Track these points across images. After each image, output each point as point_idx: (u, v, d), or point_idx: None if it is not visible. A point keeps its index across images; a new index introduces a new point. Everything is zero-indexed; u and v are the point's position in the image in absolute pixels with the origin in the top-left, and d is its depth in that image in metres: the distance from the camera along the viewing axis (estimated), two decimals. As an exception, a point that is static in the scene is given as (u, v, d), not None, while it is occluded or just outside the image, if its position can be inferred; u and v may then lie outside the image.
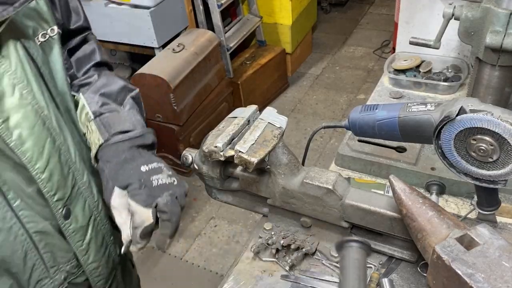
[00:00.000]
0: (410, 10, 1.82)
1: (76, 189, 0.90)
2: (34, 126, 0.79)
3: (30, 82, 0.79)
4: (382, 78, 1.81)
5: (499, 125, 0.82)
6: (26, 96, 0.78)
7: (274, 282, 1.05)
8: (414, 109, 0.96)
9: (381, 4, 5.34)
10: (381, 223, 0.99)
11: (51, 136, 0.82)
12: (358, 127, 1.05)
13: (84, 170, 0.93)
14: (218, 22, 3.33)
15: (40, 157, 0.80)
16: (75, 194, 0.91)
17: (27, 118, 0.78)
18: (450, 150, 0.91)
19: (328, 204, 1.00)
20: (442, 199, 1.24)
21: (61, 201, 0.87)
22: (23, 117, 0.77)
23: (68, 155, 0.88)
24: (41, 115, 0.80)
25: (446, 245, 0.80)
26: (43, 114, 0.81)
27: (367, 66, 4.32)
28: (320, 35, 4.88)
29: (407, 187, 0.91)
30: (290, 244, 1.06)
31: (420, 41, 1.42)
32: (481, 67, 1.28)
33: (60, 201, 0.87)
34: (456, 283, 0.76)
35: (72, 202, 0.90)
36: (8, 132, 0.76)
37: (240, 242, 2.80)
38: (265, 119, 1.02)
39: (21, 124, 0.77)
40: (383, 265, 1.06)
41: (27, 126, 0.78)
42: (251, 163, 0.93)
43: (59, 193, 0.86)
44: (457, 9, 1.27)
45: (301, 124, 3.70)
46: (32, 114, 0.78)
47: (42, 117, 0.81)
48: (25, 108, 0.77)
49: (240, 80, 3.56)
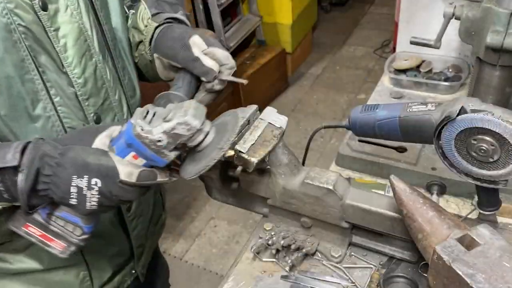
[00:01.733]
0: (410, 9, 1.82)
1: (107, 103, 1.04)
2: (77, 39, 0.96)
3: (80, 6, 0.97)
4: (383, 78, 1.81)
5: (500, 125, 0.82)
6: (75, 16, 0.95)
7: (274, 282, 1.05)
8: (414, 109, 0.95)
9: (381, 3, 5.34)
10: (382, 224, 0.98)
11: (89, 52, 0.99)
12: (359, 127, 1.04)
13: (116, 90, 1.08)
14: (218, 22, 3.33)
15: (78, 65, 0.97)
16: (106, 106, 1.04)
17: (73, 32, 0.95)
18: (450, 150, 0.91)
19: (329, 204, 1.00)
20: (443, 199, 1.24)
21: (93, 107, 1.01)
22: (70, 30, 0.95)
23: (104, 71, 1.02)
24: (84, 34, 0.97)
25: (447, 246, 0.79)
26: (86, 33, 0.98)
27: (368, 66, 4.32)
28: (320, 34, 4.88)
29: (408, 187, 0.91)
30: (290, 245, 1.06)
31: (421, 41, 1.42)
32: (482, 67, 1.28)
33: (92, 107, 1.01)
34: (457, 283, 0.76)
35: (103, 112, 1.04)
36: (57, 39, 0.93)
37: (240, 243, 2.80)
38: (265, 119, 1.02)
39: (67, 35, 0.94)
40: (384, 265, 1.05)
41: (72, 38, 0.95)
42: (251, 163, 0.93)
43: (91, 100, 1.00)
44: (458, 9, 1.27)
45: (301, 124, 3.70)
46: (78, 30, 0.96)
47: (85, 35, 0.98)
48: (73, 24, 0.95)
49: (240, 80, 3.56)
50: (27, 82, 0.90)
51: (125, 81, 1.12)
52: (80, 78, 0.97)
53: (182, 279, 2.63)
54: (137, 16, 1.15)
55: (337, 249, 1.07)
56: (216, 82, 1.04)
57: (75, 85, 0.97)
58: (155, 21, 1.11)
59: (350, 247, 1.10)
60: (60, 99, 0.96)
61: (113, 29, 1.09)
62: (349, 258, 1.08)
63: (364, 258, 1.08)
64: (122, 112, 1.10)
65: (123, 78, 1.11)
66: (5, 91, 0.88)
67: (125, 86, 1.12)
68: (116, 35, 1.10)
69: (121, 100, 1.09)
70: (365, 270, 1.05)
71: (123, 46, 1.13)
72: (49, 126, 0.96)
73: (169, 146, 0.80)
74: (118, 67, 1.09)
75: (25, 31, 0.88)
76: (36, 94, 0.93)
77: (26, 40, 0.88)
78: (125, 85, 1.13)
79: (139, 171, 0.81)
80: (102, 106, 1.03)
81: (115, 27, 1.10)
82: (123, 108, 1.11)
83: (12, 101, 0.90)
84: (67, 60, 0.95)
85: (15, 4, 0.86)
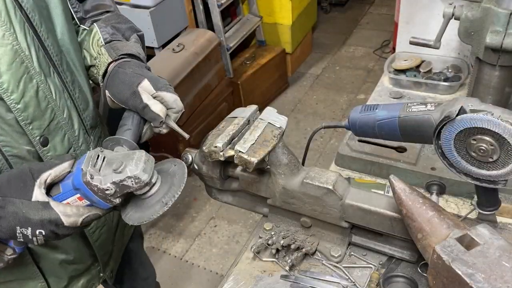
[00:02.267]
0: (410, 10, 1.82)
1: (55, 123, 1.01)
2: (12, 63, 0.90)
3: (13, 25, 0.90)
4: (382, 78, 1.81)
5: (499, 125, 0.82)
6: (8, 37, 0.89)
7: (274, 282, 1.05)
8: (414, 109, 0.95)
9: (381, 4, 5.34)
10: (381, 223, 0.98)
11: (28, 74, 0.93)
12: (358, 127, 1.04)
13: (65, 107, 1.03)
14: (218, 22, 3.33)
15: (16, 89, 0.91)
16: (54, 126, 1.01)
17: (6, 55, 0.89)
18: (450, 150, 0.91)
19: (328, 204, 1.00)
20: (442, 199, 1.24)
21: (38, 130, 0.97)
22: (2, 54, 0.88)
23: (47, 91, 0.97)
24: (20, 55, 0.91)
25: (446, 245, 0.79)
26: (23, 54, 0.91)
27: (367, 66, 4.32)
28: (320, 35, 4.88)
29: (407, 187, 0.91)
30: (290, 244, 1.06)
31: (420, 41, 1.42)
32: (481, 67, 1.28)
33: (37, 130, 0.97)
34: (456, 283, 0.76)
35: (50, 133, 1.00)
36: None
37: (240, 242, 2.80)
38: (265, 119, 1.02)
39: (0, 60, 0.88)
40: (383, 265, 1.06)
41: (5, 62, 0.89)
42: (251, 163, 0.93)
43: (35, 123, 0.96)
44: (457, 9, 1.27)
45: (301, 124, 3.70)
46: (12, 52, 0.90)
47: (22, 56, 0.91)
48: (6, 47, 0.89)
49: (240, 80, 3.56)
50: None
51: (76, 95, 1.07)
52: (19, 103, 0.92)
53: (182, 279, 2.63)
54: (90, 39, 1.11)
55: (337, 249, 1.07)
56: (163, 127, 1.01)
57: (14, 111, 0.92)
58: (108, 52, 1.06)
59: (349, 247, 1.10)
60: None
61: (58, 42, 1.03)
62: (349, 257, 1.09)
63: (363, 257, 1.08)
64: (73, 129, 1.06)
65: (73, 92, 1.06)
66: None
67: (76, 100, 1.07)
68: (63, 46, 1.04)
69: (71, 117, 1.05)
70: (364, 269, 1.05)
71: (72, 57, 1.07)
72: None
73: (115, 194, 0.84)
74: (66, 81, 1.04)
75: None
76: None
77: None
78: (76, 98, 1.07)
79: (82, 219, 0.85)
80: (48, 128, 0.99)
81: (61, 38, 1.04)
82: (74, 125, 1.07)
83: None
84: (3, 86, 0.89)
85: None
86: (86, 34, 1.14)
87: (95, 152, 0.85)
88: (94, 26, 1.12)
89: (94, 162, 0.83)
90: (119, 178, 0.81)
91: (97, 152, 0.85)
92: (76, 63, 1.08)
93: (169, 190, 0.87)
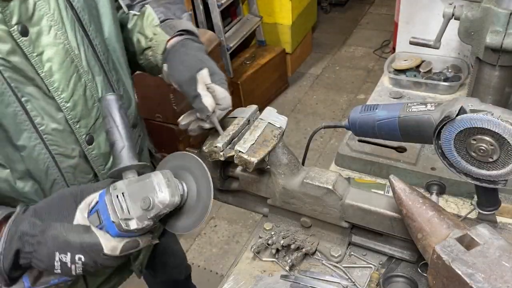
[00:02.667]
0: (410, 10, 1.82)
1: (100, 121, 1.01)
2: (63, 62, 0.91)
3: (65, 25, 0.92)
4: (382, 78, 1.81)
5: (499, 125, 0.82)
6: (59, 36, 0.91)
7: (274, 282, 1.05)
8: (414, 109, 0.95)
9: (381, 4, 5.34)
10: (381, 223, 0.98)
11: (77, 73, 0.95)
12: (358, 127, 1.04)
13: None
14: (218, 22, 3.33)
15: (66, 88, 0.93)
16: (99, 125, 1.01)
17: (58, 55, 0.91)
18: (450, 150, 0.91)
19: (328, 204, 1.00)
20: (442, 199, 1.24)
21: (85, 129, 0.98)
22: (55, 53, 0.90)
23: (94, 90, 0.98)
24: (71, 54, 0.93)
25: (446, 245, 0.79)
26: (73, 53, 0.93)
27: (367, 66, 4.32)
28: (320, 35, 4.88)
29: (407, 187, 0.91)
30: (290, 244, 1.06)
31: (420, 41, 1.42)
32: (481, 67, 1.28)
33: (83, 128, 0.98)
34: (456, 283, 0.76)
35: (95, 132, 1.01)
36: (41, 64, 0.88)
37: (240, 242, 2.80)
38: (265, 119, 1.02)
39: (52, 59, 0.90)
40: (383, 265, 1.06)
41: (57, 61, 0.90)
42: (251, 163, 0.93)
43: (82, 121, 0.97)
44: (457, 9, 1.27)
45: (301, 124, 3.70)
46: (63, 52, 0.91)
47: (72, 55, 0.93)
48: (58, 46, 0.90)
49: (240, 80, 3.56)
50: (8, 115, 0.87)
51: (121, 93, 1.09)
52: (69, 102, 0.94)
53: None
54: (143, 21, 1.12)
55: (337, 249, 1.07)
56: (207, 121, 1.02)
57: (64, 110, 0.93)
58: (164, 31, 1.08)
59: (349, 247, 1.10)
60: (45, 128, 0.92)
61: (106, 41, 1.04)
62: (349, 257, 1.09)
63: (363, 257, 1.08)
64: None
65: (117, 91, 1.08)
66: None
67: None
68: (110, 46, 1.06)
69: None
70: (364, 269, 1.05)
71: (117, 56, 1.08)
72: (35, 155, 0.93)
73: (153, 225, 0.84)
74: (112, 80, 1.05)
75: (3, 62, 0.84)
76: (19, 125, 0.89)
77: (4, 72, 0.84)
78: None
79: (122, 244, 0.83)
80: (94, 126, 1.00)
81: (108, 38, 1.05)
82: None
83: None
84: (54, 85, 0.91)
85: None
86: (137, 18, 1.14)
87: (112, 195, 0.82)
88: (147, 8, 1.13)
89: (119, 207, 0.81)
90: (154, 213, 0.81)
91: (114, 193, 0.83)
92: (121, 62, 1.10)
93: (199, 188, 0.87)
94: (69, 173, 1.00)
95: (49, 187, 0.98)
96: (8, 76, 0.85)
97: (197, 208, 0.87)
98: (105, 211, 0.82)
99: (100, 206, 0.83)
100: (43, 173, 0.95)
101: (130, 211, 0.81)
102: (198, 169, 0.88)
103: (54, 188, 0.98)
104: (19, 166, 0.92)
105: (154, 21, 1.10)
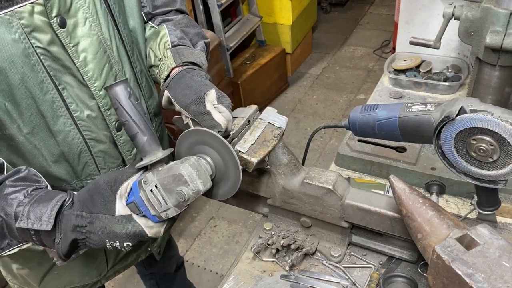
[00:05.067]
0: (410, 10, 1.82)
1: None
2: (97, 52, 0.97)
3: (99, 17, 0.97)
4: (382, 78, 1.81)
5: (499, 125, 0.82)
6: (94, 28, 0.96)
7: (274, 282, 1.05)
8: (414, 109, 0.95)
9: (381, 4, 5.34)
10: (381, 223, 0.99)
11: (109, 63, 1.00)
12: (358, 127, 1.05)
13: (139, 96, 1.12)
14: (218, 22, 3.33)
15: (99, 77, 0.99)
16: None
17: (92, 45, 0.96)
18: (450, 150, 0.91)
19: (328, 204, 1.00)
20: (442, 199, 1.24)
21: (114, 116, 1.04)
22: (89, 44, 0.96)
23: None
24: (103, 45, 0.98)
25: (446, 245, 0.79)
26: (105, 44, 0.99)
27: (367, 66, 4.32)
28: (320, 35, 4.88)
29: (407, 187, 0.91)
30: (290, 244, 1.06)
31: (420, 41, 1.42)
32: (481, 67, 1.28)
33: (113, 116, 1.04)
34: (456, 283, 0.76)
35: None
36: (77, 54, 0.94)
37: (240, 242, 2.80)
38: (265, 119, 1.02)
39: (87, 49, 0.95)
40: (383, 265, 1.06)
41: (91, 51, 0.96)
42: (251, 163, 0.94)
43: (112, 109, 1.03)
44: (457, 9, 1.27)
45: (301, 124, 3.70)
46: (97, 42, 0.97)
47: (105, 46, 0.98)
48: (92, 37, 0.96)
49: (240, 80, 3.56)
50: (46, 102, 0.93)
51: (143, 84, 1.14)
52: (101, 90, 0.99)
53: (182, 279, 2.63)
54: (158, 39, 1.13)
55: (337, 249, 1.07)
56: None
57: (97, 97, 0.99)
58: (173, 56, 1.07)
59: (349, 247, 1.10)
60: (79, 114, 0.99)
61: (131, 32, 1.09)
62: (349, 257, 1.09)
63: (363, 257, 1.08)
64: None
65: (141, 81, 1.13)
66: (26, 111, 0.93)
67: (143, 88, 1.14)
68: (134, 38, 1.11)
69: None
70: (364, 269, 1.05)
71: (140, 48, 1.13)
72: (70, 139, 1.00)
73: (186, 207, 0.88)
74: (136, 70, 1.10)
75: (44, 52, 0.89)
76: (56, 111, 0.96)
77: (44, 61, 0.90)
78: (143, 87, 1.15)
79: (164, 227, 0.89)
80: None
81: (133, 29, 1.10)
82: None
83: (33, 120, 0.94)
84: (88, 74, 0.96)
85: (33, 27, 0.87)
86: (153, 33, 1.16)
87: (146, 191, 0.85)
88: (164, 28, 1.14)
89: (156, 201, 0.85)
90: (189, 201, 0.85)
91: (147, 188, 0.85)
92: (143, 54, 1.15)
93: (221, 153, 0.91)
94: (100, 157, 1.07)
95: (81, 169, 1.06)
96: (48, 65, 0.91)
97: (229, 174, 0.92)
98: (143, 205, 0.85)
99: (136, 199, 0.86)
100: (76, 156, 1.04)
101: (168, 202, 0.85)
102: (214, 140, 0.91)
103: (85, 170, 1.07)
104: (54, 150, 1.00)
105: (167, 43, 1.11)
